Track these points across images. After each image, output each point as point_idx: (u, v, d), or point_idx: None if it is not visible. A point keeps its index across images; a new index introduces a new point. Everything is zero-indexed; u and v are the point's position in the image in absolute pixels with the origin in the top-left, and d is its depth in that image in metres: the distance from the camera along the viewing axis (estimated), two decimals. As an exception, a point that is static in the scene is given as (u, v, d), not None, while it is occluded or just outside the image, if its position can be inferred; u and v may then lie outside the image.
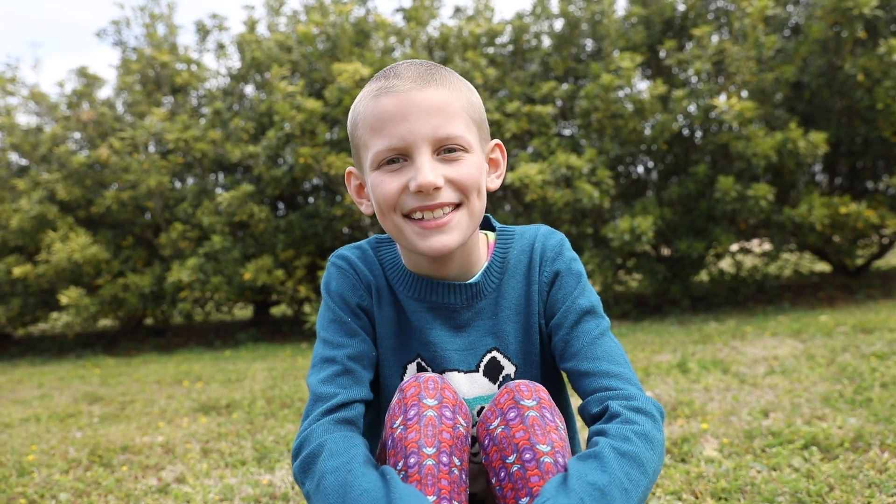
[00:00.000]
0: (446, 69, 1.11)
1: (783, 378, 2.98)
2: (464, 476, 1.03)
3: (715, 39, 6.17)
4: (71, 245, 6.36)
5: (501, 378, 1.19)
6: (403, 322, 1.19)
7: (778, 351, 3.66)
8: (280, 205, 7.41)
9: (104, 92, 13.31)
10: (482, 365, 1.18)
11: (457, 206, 1.07)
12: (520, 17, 6.94)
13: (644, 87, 5.95)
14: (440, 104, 1.04)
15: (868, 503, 1.61)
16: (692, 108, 5.88)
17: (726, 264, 6.83)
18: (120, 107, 7.87)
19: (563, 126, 6.87)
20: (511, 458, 1.00)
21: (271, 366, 4.82)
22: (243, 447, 2.55)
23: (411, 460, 0.99)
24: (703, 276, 6.76)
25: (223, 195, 6.26)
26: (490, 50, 6.87)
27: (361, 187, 1.18)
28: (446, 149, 1.05)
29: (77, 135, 7.56)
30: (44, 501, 2.09)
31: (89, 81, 7.72)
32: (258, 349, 6.15)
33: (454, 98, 1.07)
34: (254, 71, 7.22)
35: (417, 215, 1.06)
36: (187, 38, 30.30)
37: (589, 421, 1.09)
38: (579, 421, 2.04)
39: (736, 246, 6.58)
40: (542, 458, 0.98)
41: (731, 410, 2.52)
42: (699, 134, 6.23)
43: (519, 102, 6.03)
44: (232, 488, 2.07)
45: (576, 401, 1.22)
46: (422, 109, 1.03)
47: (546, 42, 6.99)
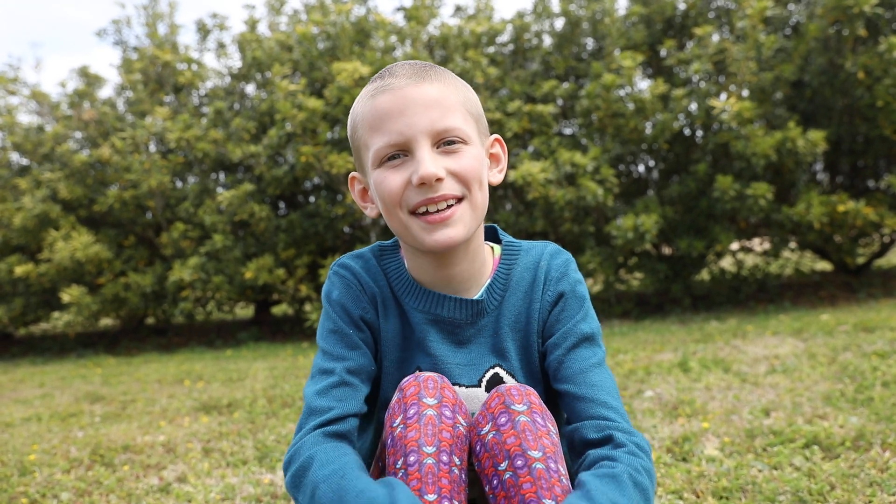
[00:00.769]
0: (441, 68, 1.11)
1: (784, 377, 2.98)
2: (463, 475, 1.03)
3: (716, 38, 6.17)
4: (74, 244, 6.37)
5: None
6: (408, 334, 1.18)
7: (779, 350, 3.65)
8: (281, 204, 7.41)
9: (105, 91, 13.38)
10: (484, 380, 1.18)
11: (459, 200, 1.07)
12: (520, 16, 6.93)
13: (645, 87, 5.95)
14: (437, 98, 1.05)
15: (869, 502, 1.61)
16: (693, 108, 5.88)
17: (727, 263, 6.82)
18: (121, 106, 7.89)
19: (564, 125, 6.86)
20: (503, 465, 1.00)
21: (272, 365, 4.82)
22: (244, 446, 2.55)
23: (411, 459, 0.98)
24: (705, 275, 6.75)
25: (224, 194, 6.27)
26: (491, 49, 6.87)
27: (365, 191, 1.17)
28: (446, 141, 1.05)
29: (78, 134, 7.57)
30: (45, 501, 2.09)
31: (90, 81, 7.74)
32: (259, 348, 6.15)
33: (450, 92, 1.07)
34: (255, 70, 7.22)
35: (422, 210, 1.06)
36: (188, 38, 30.33)
37: (583, 445, 1.08)
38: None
39: (737, 245, 6.58)
40: (534, 465, 0.98)
41: (733, 409, 2.52)
42: (700, 133, 6.23)
43: (520, 101, 6.03)
44: (233, 487, 2.07)
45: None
46: (418, 104, 1.04)
47: (547, 41, 6.99)
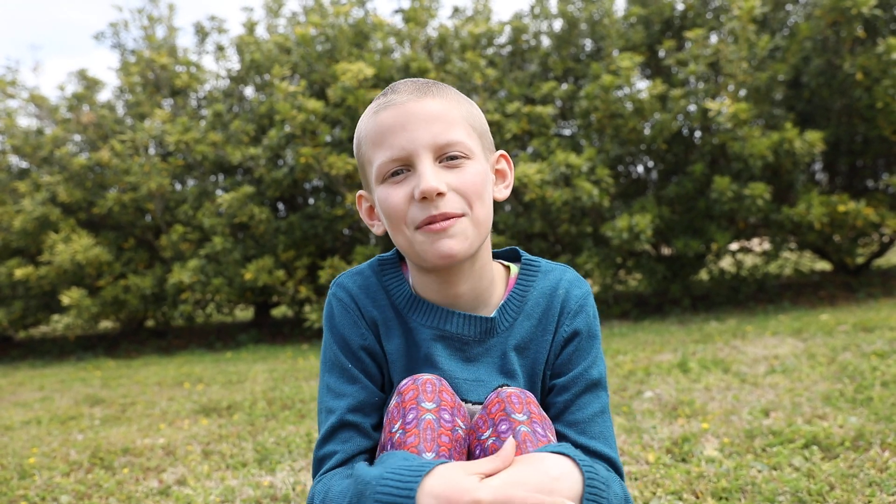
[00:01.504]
0: (445, 84, 1.11)
1: (784, 377, 2.98)
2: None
3: (714, 39, 6.17)
4: (74, 246, 6.37)
5: None
6: (413, 352, 1.16)
7: (779, 350, 3.66)
8: (280, 206, 7.41)
9: (104, 94, 13.38)
10: None
11: (461, 217, 1.06)
12: (518, 18, 6.94)
13: (643, 87, 5.95)
14: (439, 112, 1.05)
15: (869, 502, 1.61)
16: (691, 108, 5.89)
17: (727, 263, 6.82)
18: (120, 109, 7.89)
19: (563, 126, 6.87)
20: None
21: (272, 367, 4.82)
22: (244, 449, 2.55)
23: None
24: (704, 276, 6.76)
25: (224, 197, 6.27)
26: (489, 50, 6.87)
27: (372, 209, 1.17)
28: (448, 156, 1.04)
29: (78, 137, 7.57)
30: (45, 504, 2.09)
31: (89, 84, 7.75)
32: (259, 350, 6.15)
33: (452, 107, 1.07)
34: (253, 73, 7.23)
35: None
36: (186, 41, 30.36)
37: None
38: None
39: (736, 245, 6.58)
40: None
41: (732, 410, 2.52)
42: (698, 133, 6.23)
43: (518, 103, 6.03)
44: (233, 490, 2.07)
45: None
46: (420, 118, 1.03)
47: (545, 42, 6.99)
